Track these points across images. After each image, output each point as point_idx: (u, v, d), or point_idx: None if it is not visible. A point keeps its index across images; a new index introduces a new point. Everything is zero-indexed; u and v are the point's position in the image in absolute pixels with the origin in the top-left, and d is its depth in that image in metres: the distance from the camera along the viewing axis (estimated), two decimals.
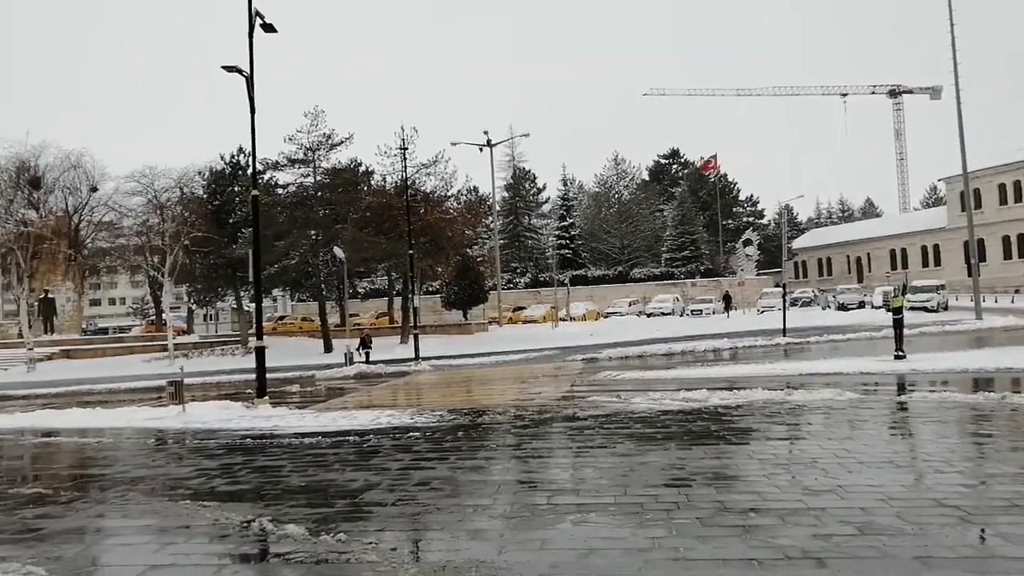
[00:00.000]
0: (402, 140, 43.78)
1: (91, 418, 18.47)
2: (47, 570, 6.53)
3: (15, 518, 8.72)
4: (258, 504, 8.67)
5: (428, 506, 8.17)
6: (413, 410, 16.40)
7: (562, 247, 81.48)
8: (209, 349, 47.68)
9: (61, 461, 13.83)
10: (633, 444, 11.18)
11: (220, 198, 48.90)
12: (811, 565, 5.78)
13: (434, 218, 44.82)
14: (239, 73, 19.70)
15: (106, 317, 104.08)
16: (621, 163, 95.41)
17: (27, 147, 53.20)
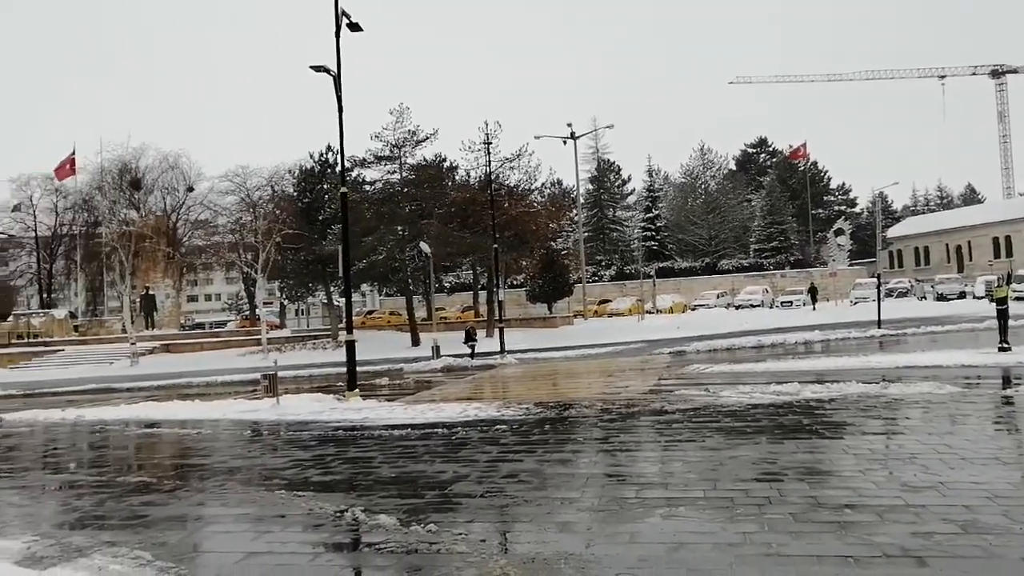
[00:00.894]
0: (486, 135, 44.10)
1: (190, 410, 19.15)
2: (153, 555, 6.81)
3: (123, 505, 9.12)
4: (350, 494, 8.85)
5: (516, 498, 8.22)
6: (500, 403, 16.51)
7: (648, 239, 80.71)
8: (301, 343, 48.86)
9: (163, 451, 14.39)
10: (722, 438, 11.02)
11: (310, 196, 50.09)
12: (911, 564, 5.60)
13: (518, 212, 45.00)
14: (327, 72, 20.11)
15: (203, 313, 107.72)
16: (707, 153, 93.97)
17: (128, 150, 55.51)
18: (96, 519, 8.48)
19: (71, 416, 19.48)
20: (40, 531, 8.00)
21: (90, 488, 10.35)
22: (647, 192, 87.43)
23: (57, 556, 6.95)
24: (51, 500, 10.04)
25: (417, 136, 46.36)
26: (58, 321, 60.73)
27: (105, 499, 9.53)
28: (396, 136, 46.07)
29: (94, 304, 72.48)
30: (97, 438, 16.11)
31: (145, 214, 55.97)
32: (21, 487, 11.06)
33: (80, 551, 7.07)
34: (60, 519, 8.70)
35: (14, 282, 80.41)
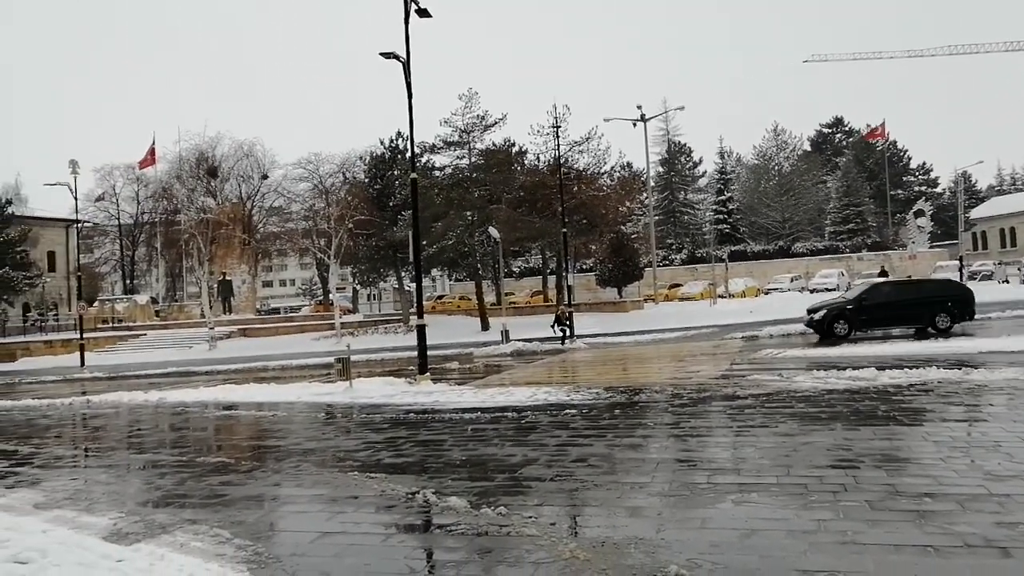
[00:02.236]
0: (554, 119, 43.91)
1: (266, 393, 19.60)
2: (231, 532, 7.01)
3: (203, 484, 9.40)
4: (421, 477, 8.96)
5: (586, 482, 8.21)
6: (569, 387, 16.50)
7: (720, 222, 79.52)
8: (373, 327, 49.54)
9: (241, 433, 14.77)
10: (796, 424, 10.82)
11: (380, 182, 50.66)
12: (994, 555, 5.43)
13: (587, 196, 44.80)
14: (396, 59, 20.26)
15: (278, 298, 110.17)
16: (781, 134, 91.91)
17: (205, 138, 56.86)
18: (178, 497, 8.76)
19: (154, 398, 20.13)
20: (125, 508, 8.30)
21: (172, 468, 10.69)
22: (719, 174, 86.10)
23: (141, 532, 7.20)
24: (135, 479, 10.40)
25: (486, 121, 46.44)
26: (140, 306, 62.76)
27: (186, 478, 9.83)
28: (465, 121, 46.22)
29: (174, 290, 74.72)
30: (178, 419, 16.62)
31: (222, 202, 57.27)
32: (108, 466, 11.50)
33: (163, 528, 7.32)
34: (144, 497, 9.01)
35: (99, 269, 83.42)
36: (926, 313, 25.08)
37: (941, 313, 24.96)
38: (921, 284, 29.15)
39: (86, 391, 25.02)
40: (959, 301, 25.46)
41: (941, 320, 24.85)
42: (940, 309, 25.08)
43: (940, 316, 24.90)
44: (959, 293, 26.14)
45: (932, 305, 25.24)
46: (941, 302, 25.36)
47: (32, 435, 15.33)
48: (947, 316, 24.91)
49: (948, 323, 24.87)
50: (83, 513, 8.13)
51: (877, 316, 25.60)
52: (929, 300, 25.57)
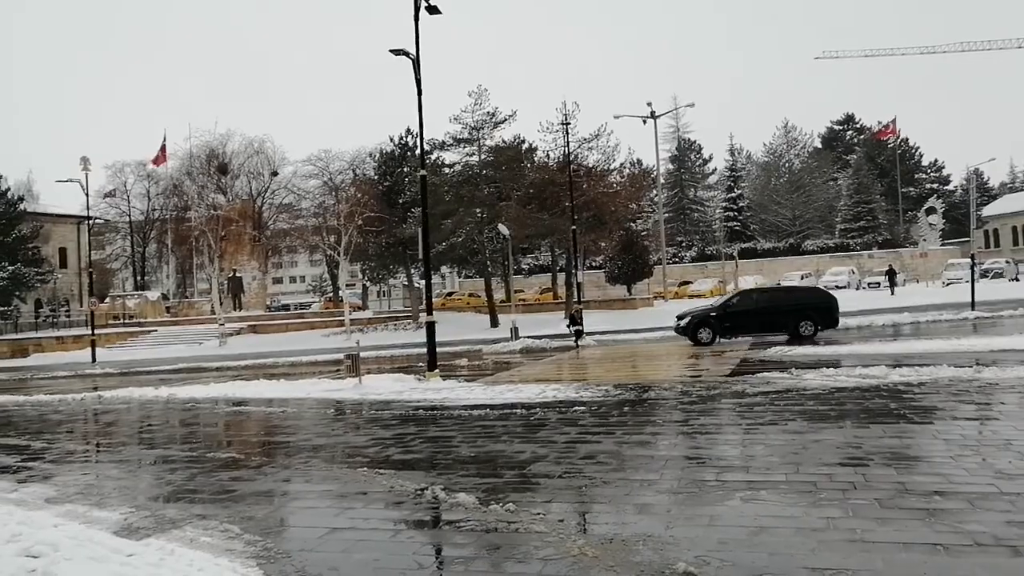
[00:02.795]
0: (564, 115, 43.86)
1: (276, 389, 19.66)
2: (241, 528, 7.04)
3: (212, 480, 9.45)
4: (430, 473, 8.98)
5: (594, 479, 8.22)
6: (578, 385, 16.50)
7: (730, 219, 79.37)
8: (382, 324, 49.65)
9: (250, 428, 14.83)
10: (805, 422, 10.79)
11: (390, 179, 50.74)
12: (1005, 554, 5.41)
13: (597, 193, 44.70)
14: (406, 56, 20.27)
15: (288, 294, 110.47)
16: (791, 131, 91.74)
17: (215, 135, 57.11)
18: (188, 493, 8.80)
19: (164, 394, 20.22)
20: (136, 503, 8.35)
21: (182, 463, 10.74)
22: (729, 171, 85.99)
23: (151, 527, 7.24)
24: (146, 474, 10.45)
25: (496, 118, 46.46)
26: (151, 303, 63.02)
27: (196, 474, 9.88)
28: (475, 118, 46.24)
29: (184, 286, 74.96)
30: (188, 415, 16.68)
31: (232, 198, 57.53)
32: (119, 461, 11.56)
33: (173, 523, 7.35)
34: (154, 492, 9.05)
35: (110, 265, 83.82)
36: (790, 321, 25.67)
37: (804, 321, 25.53)
38: (786, 292, 29.88)
39: (97, 387, 25.14)
40: (822, 309, 26.03)
41: (804, 327, 25.37)
42: (803, 317, 25.64)
43: (803, 324, 25.48)
44: (822, 301, 26.67)
45: (796, 313, 25.83)
46: (804, 310, 26.01)
47: (44, 430, 15.42)
48: (810, 324, 25.46)
49: (811, 330, 25.38)
50: (94, 508, 8.17)
51: (741, 323, 26.25)
52: (793, 308, 26.20)
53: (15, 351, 49.87)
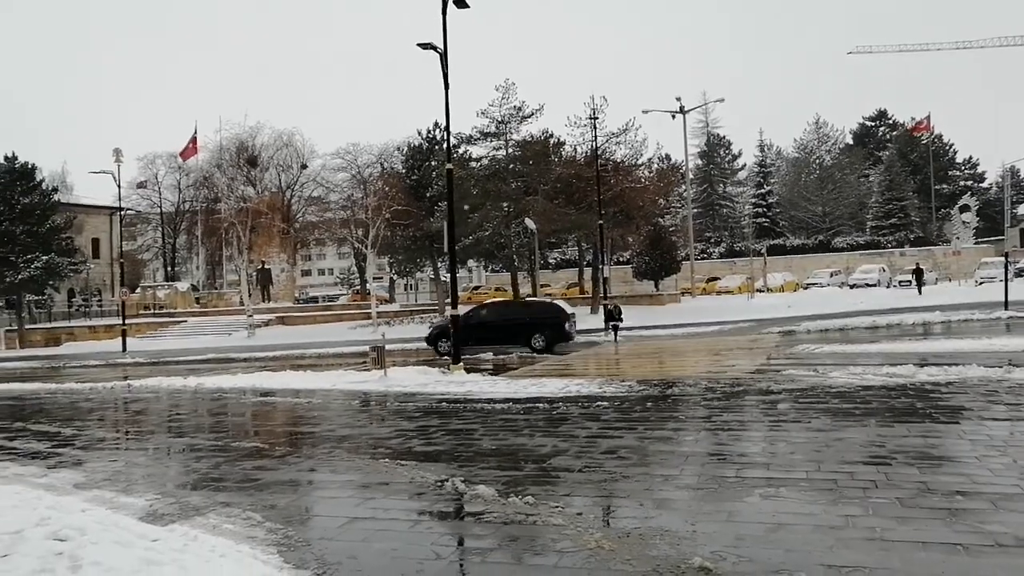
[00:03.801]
0: (592, 110, 43.79)
1: (303, 380, 19.83)
2: (263, 516, 7.14)
3: (237, 469, 9.57)
4: (451, 465, 9.04)
5: (614, 474, 8.23)
6: (602, 379, 16.50)
7: (759, 215, 78.80)
8: (409, 317, 49.83)
9: (276, 419, 14.99)
10: (829, 419, 10.73)
11: (418, 172, 50.88)
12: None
13: (624, 187, 44.55)
14: (433, 50, 20.33)
15: (316, 286, 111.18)
16: (822, 127, 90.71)
17: (245, 128, 57.43)
18: (212, 481, 8.93)
19: (192, 383, 20.47)
20: (162, 490, 8.48)
21: (208, 452, 10.89)
22: (758, 167, 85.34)
23: (176, 514, 7.36)
24: (172, 462, 10.61)
25: (523, 112, 46.38)
26: (181, 294, 63.72)
27: (221, 462, 10.01)
28: (502, 112, 46.20)
29: (214, 277, 75.74)
30: (216, 405, 16.89)
31: (261, 191, 57.85)
32: (146, 449, 11.75)
33: (197, 510, 7.47)
34: (180, 480, 9.19)
35: (141, 256, 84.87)
36: (523, 334, 27.08)
37: (537, 334, 26.87)
38: (523, 306, 31.14)
39: (127, 376, 25.50)
40: (553, 324, 27.20)
41: (536, 341, 26.69)
42: (536, 331, 26.95)
43: (536, 337, 26.81)
44: (553, 317, 27.70)
45: (529, 327, 27.18)
46: (538, 325, 27.23)
47: (75, 417, 15.68)
48: (542, 337, 26.75)
49: (543, 344, 26.64)
50: (121, 494, 8.32)
51: (478, 335, 26.95)
52: (527, 322, 27.52)
53: (49, 340, 50.75)
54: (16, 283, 50.80)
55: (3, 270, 49.98)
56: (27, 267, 50.34)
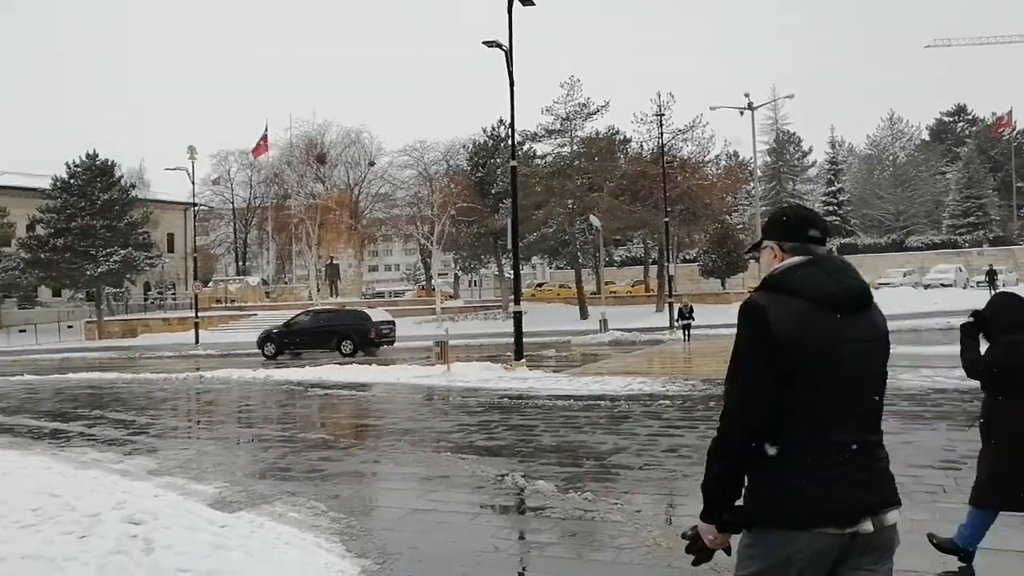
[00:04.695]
0: (658, 107, 43.49)
1: (368, 374, 20.14)
2: (327, 506, 7.29)
3: (303, 459, 9.79)
4: (512, 460, 9.10)
5: (674, 472, 8.20)
6: (665, 378, 16.40)
7: (829, 213, 77.02)
8: (473, 313, 50.13)
9: (342, 411, 15.26)
10: (898, 422, 10.49)
11: (482, 170, 51.20)
12: None
13: (691, 185, 44.15)
14: (499, 47, 20.42)
15: (382, 282, 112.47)
16: (897, 123, 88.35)
17: (313, 126, 58.55)
18: (279, 470, 9.15)
19: (261, 375, 20.96)
20: (231, 478, 8.72)
21: (275, 442, 11.15)
22: (829, 164, 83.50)
23: (244, 501, 7.57)
24: (241, 451, 10.90)
25: (588, 109, 46.31)
26: (252, 287, 65.11)
27: (287, 453, 10.25)
28: (567, 109, 46.19)
29: (283, 272, 77.22)
30: (283, 396, 17.27)
31: (330, 187, 58.84)
32: (216, 438, 12.09)
33: (264, 498, 7.67)
34: (248, 469, 9.44)
35: (214, 251, 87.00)
36: (335, 339, 30.13)
37: (346, 340, 29.96)
38: (335, 315, 33.78)
39: (199, 367, 26.19)
40: (360, 332, 30.17)
41: (345, 346, 29.81)
42: (345, 337, 29.98)
43: (345, 342, 29.96)
44: (361, 324, 30.73)
45: (341, 334, 30.20)
46: (345, 331, 30.21)
47: (149, 407, 16.20)
48: (350, 343, 29.89)
49: (351, 349, 29.72)
50: (192, 481, 8.58)
51: (298, 340, 30.82)
52: (339, 329, 30.53)
53: (125, 331, 52.41)
54: (96, 276, 52.59)
55: (83, 264, 51.79)
56: (106, 261, 52.08)
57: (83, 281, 54.33)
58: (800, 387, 2.53)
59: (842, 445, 2.54)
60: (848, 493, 2.51)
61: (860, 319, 2.65)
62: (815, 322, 2.56)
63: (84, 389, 20.34)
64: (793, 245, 2.76)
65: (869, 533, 2.55)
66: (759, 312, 2.63)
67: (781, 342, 2.54)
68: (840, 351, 2.55)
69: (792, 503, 2.50)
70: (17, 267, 55.77)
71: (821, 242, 2.80)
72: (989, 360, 4.98)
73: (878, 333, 2.70)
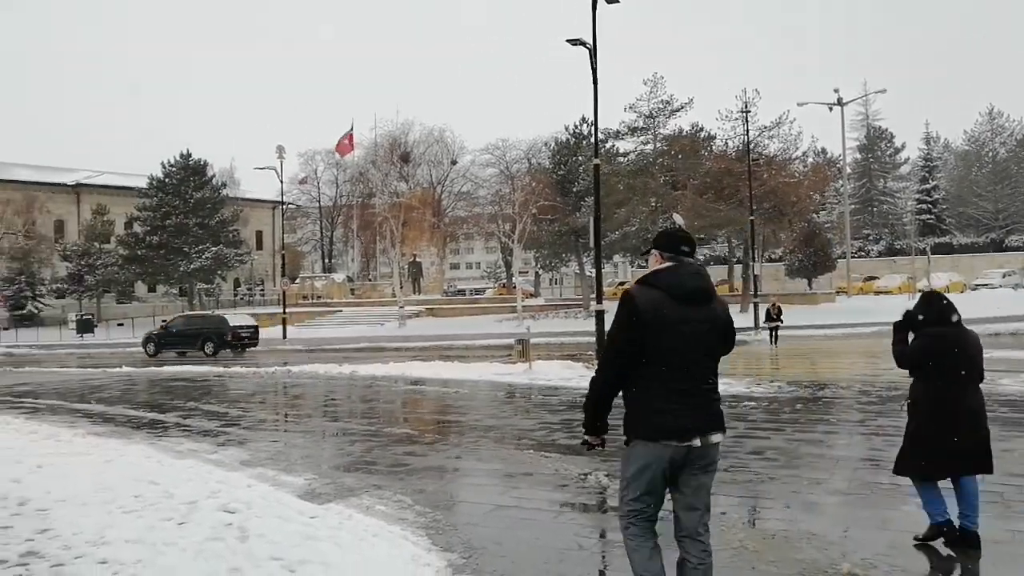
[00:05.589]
0: (743, 103, 42.65)
1: (451, 370, 20.34)
2: (412, 499, 7.42)
3: (388, 453, 9.96)
4: (595, 459, 9.04)
5: (760, 475, 8.07)
6: (750, 379, 16.13)
7: (922, 212, 74.60)
8: (553, 311, 50.10)
9: (425, 407, 15.46)
10: (998, 429, 9.94)
11: (564, 168, 51.09)
12: None
13: (777, 182, 43.22)
14: (582, 45, 20.37)
15: (463, 280, 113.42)
16: (997, 117, 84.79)
17: (397, 125, 59.39)
18: (365, 464, 9.34)
19: (347, 371, 21.37)
20: (319, 471, 8.94)
21: (361, 436, 11.38)
22: (923, 161, 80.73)
23: (332, 493, 7.75)
24: (328, 444, 11.16)
25: (671, 106, 45.78)
26: (337, 284, 66.47)
27: (373, 447, 10.45)
28: (650, 106, 45.75)
29: (367, 269, 78.58)
30: (368, 391, 17.59)
31: (413, 186, 59.61)
32: (305, 431, 12.39)
33: (351, 491, 7.84)
34: (335, 462, 9.66)
35: (300, 248, 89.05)
36: (199, 341, 34.30)
37: (208, 342, 33.98)
38: (202, 319, 37.85)
39: (287, 362, 26.87)
40: (218, 335, 34.15)
41: (207, 347, 33.75)
42: (207, 339, 33.95)
43: (207, 344, 33.93)
44: (219, 329, 34.66)
45: (203, 336, 34.29)
46: (208, 334, 34.18)
47: (240, 400, 16.70)
48: (211, 344, 33.86)
49: (212, 349, 33.65)
50: (282, 472, 8.82)
51: (172, 340, 35.22)
52: (202, 332, 34.58)
53: None
54: (188, 272, 54.45)
55: (177, 260, 53.71)
56: (198, 257, 53.91)
57: (176, 277, 56.37)
58: (652, 349, 3.86)
59: (679, 389, 3.86)
60: (683, 420, 3.85)
61: (701, 309, 3.96)
62: (666, 307, 3.87)
63: (178, 381, 21.09)
64: (669, 255, 4.10)
65: (699, 447, 3.88)
66: (631, 298, 3.96)
67: (643, 318, 3.86)
68: (681, 328, 3.86)
69: (648, 425, 3.89)
70: (116, 263, 58.19)
71: (689, 254, 4.12)
72: (914, 349, 5.76)
73: (714, 320, 4.02)
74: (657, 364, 3.85)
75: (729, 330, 4.13)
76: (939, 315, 5.75)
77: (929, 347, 5.66)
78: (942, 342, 5.64)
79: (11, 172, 63.54)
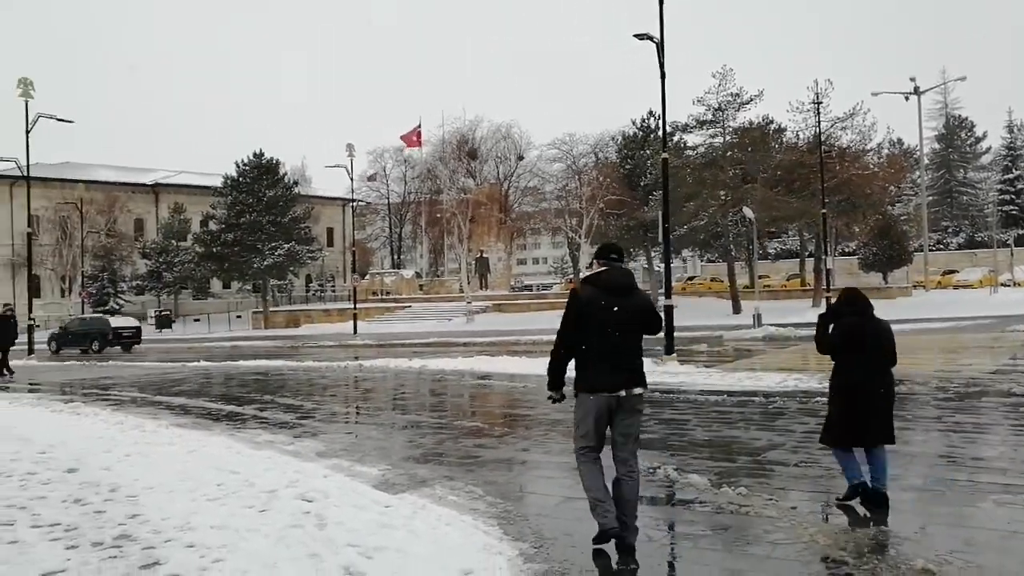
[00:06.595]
0: (815, 94, 41.88)
1: (518, 365, 20.44)
2: (483, 491, 7.55)
3: (458, 445, 10.13)
4: (663, 453, 9.11)
5: (832, 470, 7.94)
6: (822, 375, 15.83)
7: (1005, 203, 72.18)
8: None
9: (493, 401, 15.62)
10: None
11: (631, 162, 50.81)
12: None
13: (850, 174, 42.32)
14: (650, 40, 20.29)
15: (530, 275, 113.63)
16: None
17: (464, 122, 59.92)
18: (436, 455, 9.52)
19: (416, 365, 21.69)
20: (391, 462, 9.15)
21: (431, 429, 11.58)
22: (1006, 150, 78.10)
23: (405, 484, 7.94)
24: (400, 436, 11.37)
25: (741, 98, 45.11)
26: (406, 280, 67.30)
27: (444, 439, 10.63)
28: (719, 99, 45.15)
29: (435, 265, 79.36)
30: (437, 385, 17.84)
31: (480, 182, 60.02)
32: (377, 424, 12.65)
33: (423, 482, 8.01)
34: (407, 453, 9.85)
35: (370, 244, 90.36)
36: (88, 340, 39.04)
37: (94, 341, 38.74)
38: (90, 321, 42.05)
39: (358, 356, 27.37)
40: (101, 335, 38.68)
41: (94, 345, 38.58)
42: (93, 339, 38.93)
43: (94, 343, 38.66)
44: (102, 329, 39.14)
45: (90, 336, 39.26)
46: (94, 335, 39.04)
47: (313, 392, 17.11)
48: (97, 343, 38.41)
49: (98, 348, 38.16)
50: (356, 463, 9.04)
51: (68, 340, 39.83)
52: (89, 333, 39.50)
53: (289, 321, 55.35)
54: (262, 269, 55.72)
55: (251, 257, 55.00)
56: (272, 254, 55.10)
57: (250, 273, 57.73)
58: (589, 331, 5.45)
59: (607, 356, 5.43)
60: (611, 378, 5.43)
61: (626, 299, 5.51)
62: (599, 298, 5.46)
63: (254, 375, 21.67)
64: (603, 261, 5.68)
65: (624, 397, 5.44)
66: (575, 293, 5.69)
67: (582, 308, 5.51)
68: (609, 314, 5.42)
69: (588, 381, 5.49)
70: (192, 260, 59.90)
71: (618, 260, 5.70)
72: (833, 336, 6.78)
73: (636, 307, 5.57)
74: (594, 337, 5.41)
75: (648, 314, 5.63)
76: (859, 308, 6.76)
77: (846, 334, 6.65)
78: (858, 330, 6.62)
79: (94, 173, 66.01)
